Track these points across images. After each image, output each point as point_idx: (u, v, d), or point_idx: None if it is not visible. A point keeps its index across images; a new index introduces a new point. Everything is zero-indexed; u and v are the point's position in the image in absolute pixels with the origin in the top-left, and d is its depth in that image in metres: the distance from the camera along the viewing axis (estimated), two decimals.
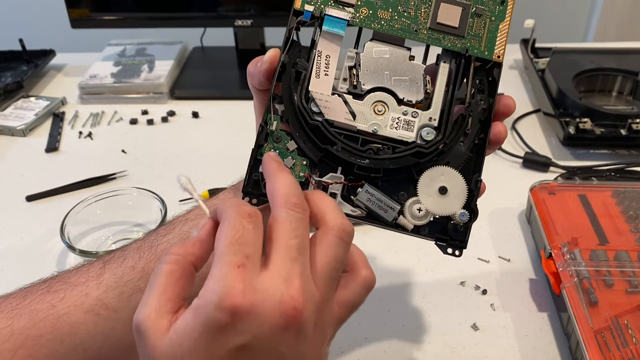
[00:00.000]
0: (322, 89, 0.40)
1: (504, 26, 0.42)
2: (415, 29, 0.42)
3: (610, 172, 0.78)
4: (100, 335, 0.41)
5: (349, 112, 0.40)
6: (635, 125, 0.81)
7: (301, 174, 0.40)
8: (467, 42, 0.42)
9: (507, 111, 0.42)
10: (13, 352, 0.39)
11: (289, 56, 0.41)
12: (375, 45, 0.42)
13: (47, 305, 0.41)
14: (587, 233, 0.63)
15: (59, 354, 0.40)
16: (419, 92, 0.41)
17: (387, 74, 0.41)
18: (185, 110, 0.98)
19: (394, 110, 0.41)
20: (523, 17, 1.00)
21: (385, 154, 0.40)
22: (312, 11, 0.41)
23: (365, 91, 0.41)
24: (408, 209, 0.40)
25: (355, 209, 0.40)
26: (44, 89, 1.07)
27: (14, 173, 0.85)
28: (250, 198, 0.39)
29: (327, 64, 0.41)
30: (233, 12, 1.01)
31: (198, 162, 0.85)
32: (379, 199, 0.39)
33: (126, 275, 0.43)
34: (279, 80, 0.41)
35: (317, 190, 0.38)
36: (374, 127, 0.40)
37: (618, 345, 0.51)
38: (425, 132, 0.40)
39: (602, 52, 0.99)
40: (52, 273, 0.45)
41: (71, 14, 1.02)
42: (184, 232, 0.45)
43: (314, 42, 0.41)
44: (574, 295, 0.55)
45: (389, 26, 0.42)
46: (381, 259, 0.66)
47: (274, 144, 0.40)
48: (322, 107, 0.40)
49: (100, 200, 0.69)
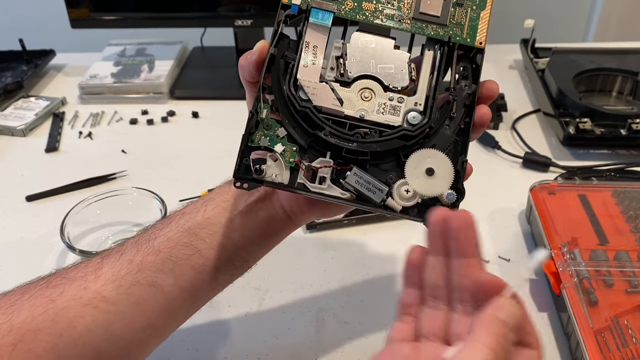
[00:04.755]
0: (310, 76, 0.42)
1: (485, 14, 0.44)
2: (399, 19, 0.43)
3: (610, 172, 0.78)
4: (99, 329, 0.41)
5: (337, 99, 0.41)
6: (635, 125, 0.81)
7: (291, 160, 0.41)
8: (449, 30, 0.43)
9: (491, 94, 0.43)
10: (12, 347, 0.39)
11: (277, 48, 0.43)
12: (361, 36, 0.43)
13: (46, 299, 0.41)
14: (587, 233, 0.63)
15: (58, 348, 0.40)
16: (404, 79, 0.43)
17: (373, 62, 0.43)
18: (185, 110, 0.98)
19: (380, 96, 0.42)
20: (523, 17, 1.00)
21: (373, 137, 0.41)
22: (299, 4, 0.43)
23: (352, 79, 0.42)
24: (396, 190, 0.41)
25: (345, 192, 0.41)
26: (44, 89, 1.07)
27: (14, 173, 0.85)
28: (241, 183, 0.40)
29: (314, 54, 0.42)
30: (233, 12, 1.01)
31: (198, 162, 0.85)
32: (367, 181, 0.40)
33: (124, 269, 0.43)
34: (268, 71, 0.42)
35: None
36: (361, 113, 0.42)
37: (618, 345, 0.51)
38: (411, 116, 0.41)
39: (602, 52, 0.99)
40: (50, 271, 0.45)
41: (71, 14, 1.02)
42: (181, 225, 0.45)
43: (302, 34, 0.43)
44: (574, 295, 0.55)
45: (374, 17, 0.43)
46: (382, 259, 0.66)
47: (265, 131, 0.41)
48: (310, 94, 0.41)
49: (100, 200, 0.69)
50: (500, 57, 1.11)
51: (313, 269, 0.65)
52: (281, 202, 0.46)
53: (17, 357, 0.39)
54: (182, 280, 0.44)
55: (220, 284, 0.47)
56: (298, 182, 0.40)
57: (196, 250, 0.44)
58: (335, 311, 0.60)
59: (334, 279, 0.64)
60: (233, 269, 0.47)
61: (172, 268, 0.44)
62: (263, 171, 0.40)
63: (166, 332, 0.46)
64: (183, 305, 0.45)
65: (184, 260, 0.44)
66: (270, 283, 0.63)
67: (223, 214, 0.46)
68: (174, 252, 0.44)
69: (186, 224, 0.45)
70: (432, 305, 0.36)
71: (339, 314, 0.60)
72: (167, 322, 0.45)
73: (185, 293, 0.44)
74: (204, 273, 0.45)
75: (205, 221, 0.45)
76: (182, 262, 0.44)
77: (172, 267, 0.44)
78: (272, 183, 0.40)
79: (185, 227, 0.45)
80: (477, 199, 0.46)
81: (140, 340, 0.44)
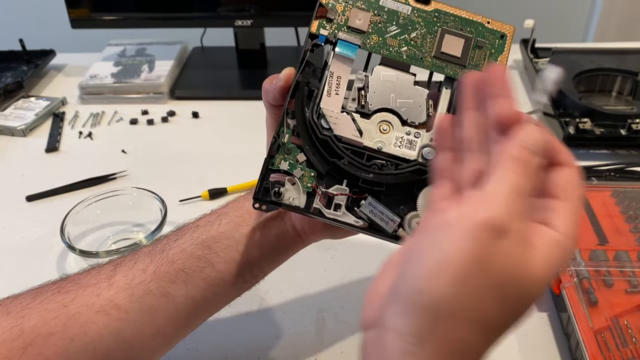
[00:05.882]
0: (332, 106, 0.44)
1: (503, 58, 0.46)
2: (421, 57, 0.45)
3: (610, 172, 0.78)
4: (110, 335, 0.41)
5: (357, 129, 0.43)
6: (635, 125, 0.81)
7: (309, 185, 0.42)
8: (468, 71, 0.45)
9: None
10: (23, 350, 0.39)
11: (302, 75, 0.44)
12: (383, 70, 0.45)
13: (58, 304, 0.42)
14: (587, 233, 0.63)
15: (69, 353, 0.40)
16: (422, 114, 0.44)
17: (392, 97, 0.45)
18: (185, 110, 0.98)
19: (398, 130, 0.44)
20: (523, 17, 1.00)
21: (389, 169, 0.43)
22: (326, 35, 0.45)
23: (372, 111, 0.44)
24: (408, 222, 0.43)
25: (358, 220, 0.42)
26: (44, 89, 1.07)
27: (14, 173, 0.85)
28: (260, 204, 0.42)
29: (337, 84, 0.44)
30: (233, 12, 1.01)
31: (198, 162, 0.85)
32: (380, 211, 0.42)
33: (137, 277, 0.44)
34: (292, 97, 0.44)
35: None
36: (379, 145, 0.43)
37: (618, 345, 0.51)
38: (427, 152, 0.43)
39: (602, 52, 0.99)
40: (60, 275, 0.45)
41: (71, 14, 1.02)
42: (195, 238, 0.46)
43: (327, 63, 0.44)
44: (574, 295, 0.55)
45: (397, 53, 0.45)
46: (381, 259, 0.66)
47: (285, 155, 0.43)
48: (331, 123, 0.43)
49: (100, 200, 0.69)
50: None
51: (313, 269, 0.65)
52: (293, 222, 0.48)
53: None
54: (193, 292, 0.44)
55: (229, 297, 0.48)
56: (314, 207, 0.42)
57: (209, 263, 0.45)
58: (335, 311, 0.60)
59: (334, 279, 0.64)
60: (243, 283, 0.47)
61: (184, 279, 0.44)
62: (281, 194, 0.42)
63: (175, 340, 0.47)
64: (193, 315, 0.46)
65: (196, 272, 0.45)
66: (270, 283, 0.63)
67: (237, 229, 0.47)
68: (187, 264, 0.45)
69: (200, 237, 0.46)
70: (469, 158, 0.35)
71: (339, 314, 0.60)
72: (176, 331, 0.46)
73: (195, 304, 0.45)
74: (216, 286, 0.45)
75: (219, 235, 0.46)
76: (194, 274, 0.45)
77: (185, 279, 0.44)
78: (289, 206, 0.42)
79: (200, 240, 0.46)
80: None
81: (150, 347, 0.44)
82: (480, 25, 0.46)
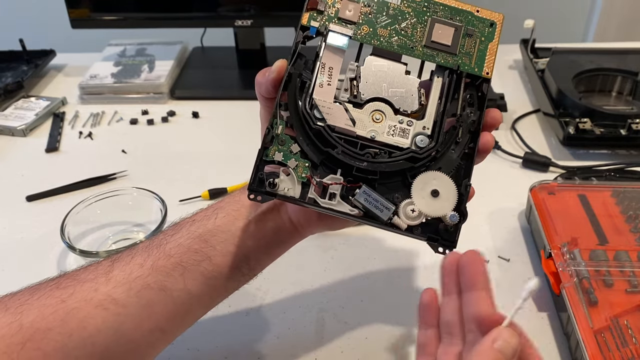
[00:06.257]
0: (325, 97, 0.44)
1: (493, 46, 0.46)
2: (412, 46, 0.46)
3: (610, 172, 0.78)
4: (109, 330, 0.42)
5: (349, 119, 0.44)
6: (635, 125, 0.81)
7: (303, 175, 0.42)
8: (458, 59, 0.46)
9: (494, 123, 0.46)
10: (22, 345, 0.39)
11: (294, 67, 0.44)
12: (375, 60, 0.45)
13: (56, 300, 0.42)
14: (587, 233, 0.63)
15: (68, 348, 0.40)
16: (414, 103, 0.45)
17: (384, 86, 0.45)
18: (185, 110, 0.98)
19: (390, 118, 0.44)
20: (523, 17, 1.00)
21: (382, 158, 0.43)
22: (317, 27, 0.45)
23: (365, 101, 0.44)
24: (402, 209, 0.42)
25: (353, 208, 0.42)
26: (44, 89, 1.07)
27: (14, 173, 0.85)
28: (255, 195, 0.42)
29: (330, 75, 0.44)
30: (233, 12, 1.01)
31: (198, 162, 0.85)
32: (375, 200, 0.42)
33: (135, 272, 0.44)
34: (285, 89, 0.44)
35: None
36: (372, 134, 0.43)
37: (618, 345, 0.51)
38: (419, 139, 0.43)
39: (602, 52, 0.99)
40: (59, 272, 0.45)
41: (71, 14, 1.02)
42: (192, 232, 0.46)
43: (318, 54, 0.45)
44: (574, 295, 0.55)
45: (388, 43, 0.45)
46: (381, 259, 0.66)
47: (279, 146, 0.43)
48: (324, 113, 0.43)
49: (100, 200, 0.69)
50: (500, 57, 1.09)
51: (313, 269, 0.65)
52: (289, 214, 0.48)
53: (26, 355, 0.39)
54: (191, 286, 0.45)
55: (227, 290, 0.48)
56: (309, 197, 0.42)
57: (206, 256, 0.45)
58: (335, 311, 0.60)
59: (334, 279, 0.64)
60: (240, 276, 0.48)
61: (182, 273, 0.44)
62: (276, 185, 0.41)
63: (174, 335, 0.47)
64: (191, 309, 0.46)
65: (194, 266, 0.45)
66: (270, 283, 0.63)
67: (233, 223, 0.47)
68: (184, 258, 0.45)
69: (197, 231, 0.46)
70: (448, 342, 0.39)
71: (339, 314, 0.60)
72: (175, 325, 0.46)
73: (193, 298, 0.45)
74: (213, 279, 0.46)
75: (216, 228, 0.46)
76: (192, 268, 0.45)
77: (182, 272, 0.44)
78: (284, 197, 0.42)
79: (196, 234, 0.46)
80: (477, 199, 0.46)
81: (149, 342, 0.44)
82: (470, 14, 0.46)
